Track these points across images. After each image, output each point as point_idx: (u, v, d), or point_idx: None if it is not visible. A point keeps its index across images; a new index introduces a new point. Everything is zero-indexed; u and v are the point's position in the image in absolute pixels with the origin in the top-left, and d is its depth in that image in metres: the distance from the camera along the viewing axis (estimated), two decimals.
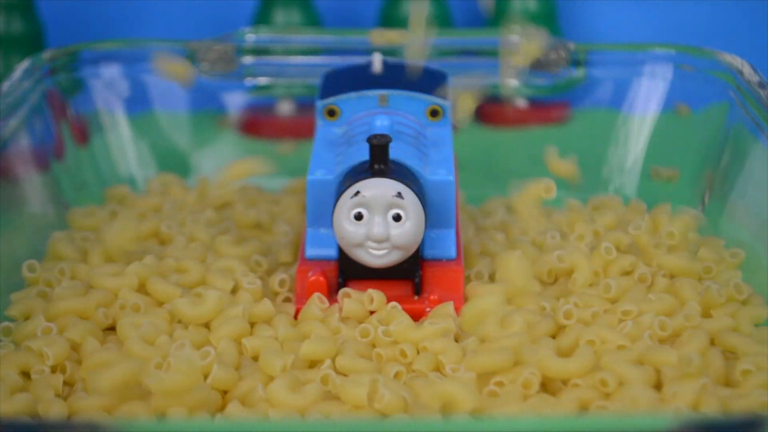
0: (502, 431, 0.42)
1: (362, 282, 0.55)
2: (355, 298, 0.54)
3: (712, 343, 0.51)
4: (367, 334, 0.52)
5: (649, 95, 0.70)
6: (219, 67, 0.71)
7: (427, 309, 0.54)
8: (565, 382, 0.49)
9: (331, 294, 0.55)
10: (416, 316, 0.54)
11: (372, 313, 0.54)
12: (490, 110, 0.75)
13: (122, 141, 0.71)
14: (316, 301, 0.54)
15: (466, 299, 0.55)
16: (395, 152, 0.55)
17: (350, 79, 0.61)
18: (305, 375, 0.49)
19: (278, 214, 0.64)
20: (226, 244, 0.59)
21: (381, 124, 0.58)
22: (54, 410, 0.47)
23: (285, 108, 0.74)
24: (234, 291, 0.56)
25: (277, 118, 0.74)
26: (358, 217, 0.53)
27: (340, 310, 0.54)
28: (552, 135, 0.73)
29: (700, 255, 0.58)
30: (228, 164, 0.58)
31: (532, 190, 0.56)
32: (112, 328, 0.54)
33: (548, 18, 0.82)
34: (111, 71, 0.70)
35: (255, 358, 0.51)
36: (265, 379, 0.49)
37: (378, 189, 0.53)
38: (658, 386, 0.48)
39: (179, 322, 0.53)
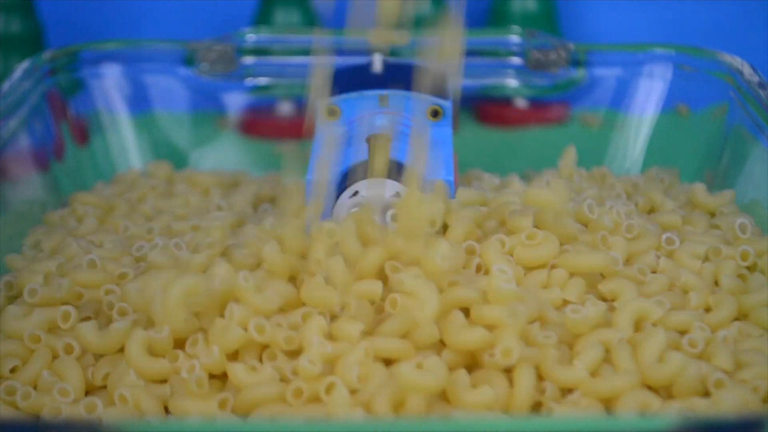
0: (503, 431, 0.42)
1: None
2: None
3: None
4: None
5: (649, 95, 0.70)
6: (219, 67, 0.71)
7: None
8: None
9: None
10: None
11: None
12: (490, 110, 0.75)
13: (122, 141, 0.71)
14: None
15: None
16: (395, 152, 0.55)
17: (350, 79, 0.61)
18: None
19: None
20: None
21: (380, 124, 0.58)
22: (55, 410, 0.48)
23: (285, 108, 0.74)
24: None
25: (277, 118, 0.74)
26: None
27: None
28: (552, 135, 0.73)
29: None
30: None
31: None
32: None
33: (548, 18, 0.83)
34: (111, 71, 0.70)
35: None
36: None
37: (376, 189, 0.53)
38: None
39: None
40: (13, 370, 0.50)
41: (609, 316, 0.51)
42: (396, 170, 0.54)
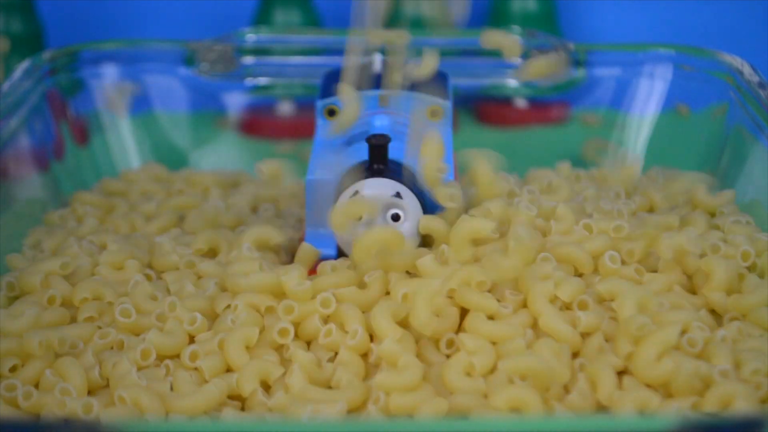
0: (502, 431, 0.42)
1: None
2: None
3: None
4: None
5: (649, 95, 0.70)
6: (219, 67, 0.71)
7: None
8: None
9: None
10: None
11: None
12: (490, 110, 0.75)
13: (122, 141, 0.71)
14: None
15: None
16: (395, 152, 0.55)
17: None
18: None
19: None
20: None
21: (380, 124, 0.58)
22: (55, 411, 0.48)
23: (285, 108, 0.74)
24: None
25: (277, 118, 0.74)
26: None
27: None
28: (552, 135, 0.73)
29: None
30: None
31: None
32: None
33: (548, 18, 0.83)
34: (111, 71, 0.70)
35: None
36: None
37: (377, 189, 0.53)
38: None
39: None
40: (12, 369, 0.50)
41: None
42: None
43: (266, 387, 0.49)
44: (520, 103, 0.73)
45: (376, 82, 0.60)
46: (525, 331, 0.50)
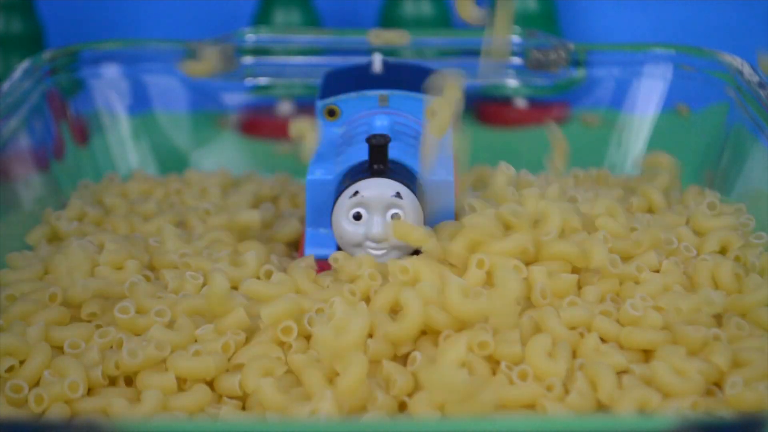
0: (502, 431, 0.42)
1: None
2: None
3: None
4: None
5: (649, 95, 0.70)
6: (219, 67, 0.71)
7: None
8: None
9: None
10: None
11: None
12: (490, 110, 0.75)
13: (122, 141, 0.71)
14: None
15: None
16: (394, 152, 0.55)
17: (350, 79, 0.61)
18: None
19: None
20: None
21: (380, 124, 0.58)
22: (54, 410, 0.48)
23: (285, 108, 0.74)
24: None
25: (277, 118, 0.74)
26: (357, 216, 0.54)
27: None
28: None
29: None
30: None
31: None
32: None
33: (548, 18, 0.83)
34: (111, 71, 0.71)
35: None
36: None
37: (377, 189, 0.53)
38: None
39: None
40: (10, 370, 0.50)
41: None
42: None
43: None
44: (520, 103, 0.74)
45: (377, 82, 0.60)
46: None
